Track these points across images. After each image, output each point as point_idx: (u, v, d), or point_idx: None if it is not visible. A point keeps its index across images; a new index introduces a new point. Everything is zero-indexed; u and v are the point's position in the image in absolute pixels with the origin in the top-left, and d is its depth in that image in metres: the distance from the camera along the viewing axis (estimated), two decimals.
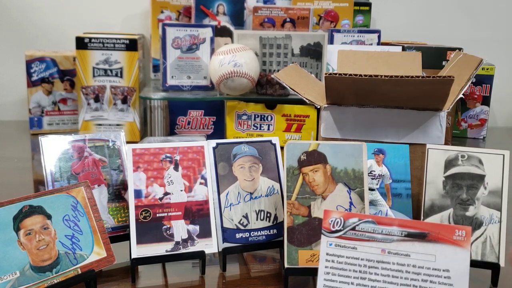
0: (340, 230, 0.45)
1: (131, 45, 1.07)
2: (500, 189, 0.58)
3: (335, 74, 0.65)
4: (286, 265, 0.54)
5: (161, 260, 0.58)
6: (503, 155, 0.59)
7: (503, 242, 0.57)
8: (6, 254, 0.47)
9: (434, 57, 1.11)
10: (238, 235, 0.60)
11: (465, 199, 0.58)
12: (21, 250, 0.48)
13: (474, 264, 0.55)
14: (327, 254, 0.45)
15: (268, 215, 0.61)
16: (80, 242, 0.52)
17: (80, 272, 0.51)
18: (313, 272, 0.56)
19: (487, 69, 1.21)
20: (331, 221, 0.45)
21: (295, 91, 0.77)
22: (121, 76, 1.08)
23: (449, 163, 0.60)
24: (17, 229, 0.48)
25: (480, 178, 0.59)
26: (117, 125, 1.10)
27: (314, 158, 0.57)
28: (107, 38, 1.07)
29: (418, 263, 0.43)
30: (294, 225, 0.55)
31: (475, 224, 0.58)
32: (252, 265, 0.62)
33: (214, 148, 0.61)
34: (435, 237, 0.43)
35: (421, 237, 0.44)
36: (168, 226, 0.58)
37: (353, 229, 0.45)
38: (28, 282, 0.48)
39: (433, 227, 0.44)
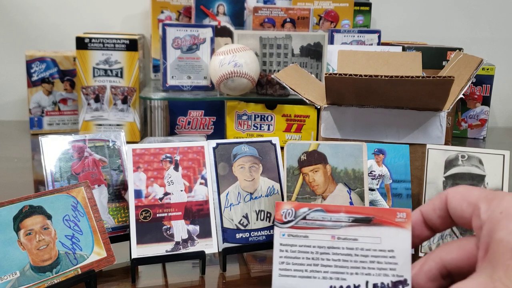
0: (292, 221, 0.46)
1: (131, 45, 1.07)
2: (500, 189, 0.58)
3: (335, 74, 0.65)
4: None
5: (161, 260, 0.58)
6: (503, 155, 0.59)
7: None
8: (6, 254, 0.47)
9: (434, 57, 1.11)
10: (238, 235, 0.60)
11: None
12: (21, 250, 0.48)
13: None
14: (280, 244, 0.46)
15: (268, 215, 0.61)
16: (80, 242, 0.52)
17: (80, 272, 0.51)
18: None
19: (487, 69, 1.21)
20: (283, 212, 0.47)
21: (295, 91, 0.77)
22: (121, 76, 1.08)
23: (449, 163, 0.60)
24: (17, 229, 0.48)
25: (480, 178, 0.59)
26: (117, 125, 1.10)
27: (314, 158, 0.57)
28: (107, 38, 1.07)
29: (365, 246, 0.46)
30: None
31: None
32: (252, 265, 0.62)
33: (214, 148, 0.61)
34: (379, 220, 0.46)
35: (366, 221, 0.46)
36: (168, 226, 0.58)
37: (304, 218, 0.47)
38: (28, 282, 0.48)
39: (376, 212, 0.46)
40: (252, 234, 0.60)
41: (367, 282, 0.45)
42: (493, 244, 0.33)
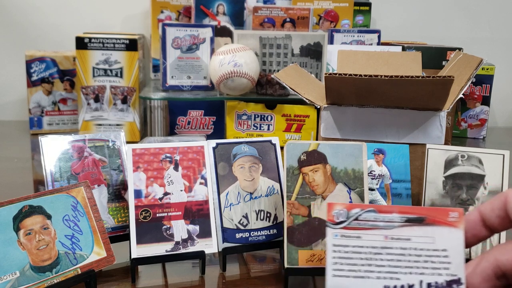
0: (344, 221, 0.47)
1: (131, 45, 1.07)
2: (500, 189, 0.58)
3: (335, 74, 0.65)
4: (286, 265, 0.54)
5: (161, 260, 0.58)
6: (503, 155, 0.59)
7: (503, 241, 0.57)
8: (6, 254, 0.47)
9: (434, 57, 1.11)
10: (238, 235, 0.60)
11: (465, 199, 0.59)
12: (21, 250, 0.48)
13: None
14: (333, 245, 0.47)
15: (268, 215, 0.61)
16: (80, 242, 0.52)
17: (80, 272, 0.51)
18: (313, 272, 0.56)
19: (487, 69, 1.21)
20: (335, 213, 0.47)
21: (295, 91, 0.77)
22: (121, 76, 1.08)
23: (449, 163, 0.60)
24: (17, 229, 0.48)
25: (480, 178, 0.59)
26: (117, 125, 1.10)
27: (314, 158, 0.57)
28: (107, 38, 1.07)
29: (418, 246, 0.46)
30: (294, 225, 0.55)
31: None
32: (252, 265, 0.62)
33: (214, 148, 0.61)
34: (432, 220, 0.46)
35: (419, 221, 0.47)
36: (168, 226, 0.58)
37: (356, 219, 0.47)
38: (28, 282, 0.48)
39: (429, 211, 0.47)
40: (252, 234, 0.60)
41: (421, 282, 0.46)
42: None
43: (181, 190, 0.59)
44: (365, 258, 0.47)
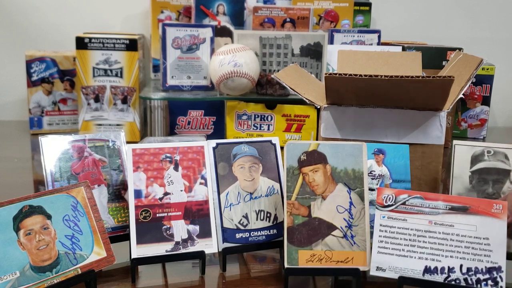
0: (392, 205, 0.52)
1: (131, 45, 1.07)
2: None
3: (335, 74, 0.65)
4: (286, 265, 0.54)
5: (161, 260, 0.58)
6: None
7: None
8: (6, 254, 0.47)
9: (434, 57, 1.11)
10: (238, 235, 0.60)
11: (491, 193, 0.60)
12: (21, 250, 0.48)
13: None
14: (380, 225, 0.52)
15: (268, 215, 0.61)
16: (80, 242, 0.52)
17: (80, 272, 0.51)
18: (313, 272, 0.56)
19: (487, 69, 1.21)
20: (384, 197, 0.53)
21: (295, 91, 0.77)
22: (121, 76, 1.08)
23: (475, 159, 0.61)
24: (17, 229, 0.48)
25: (506, 172, 0.60)
26: (117, 125, 1.10)
27: (314, 158, 0.57)
28: (107, 38, 1.07)
29: (461, 232, 0.50)
30: (294, 225, 0.55)
31: None
32: (252, 265, 0.62)
33: (214, 148, 0.61)
34: (475, 210, 0.51)
35: (463, 210, 0.51)
36: (168, 226, 0.58)
37: (404, 203, 0.52)
38: (28, 282, 0.48)
39: (473, 202, 0.51)
40: (252, 234, 0.60)
41: (461, 266, 0.50)
42: None
43: (181, 190, 0.59)
44: (409, 239, 0.51)
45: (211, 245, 0.58)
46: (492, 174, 0.60)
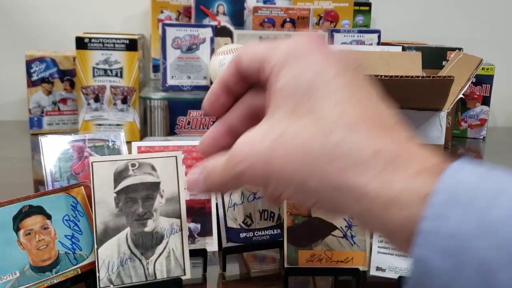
0: None
1: (131, 45, 1.07)
2: (177, 194, 0.53)
3: None
4: (286, 265, 0.54)
5: None
6: (176, 157, 0.54)
7: (187, 251, 0.52)
8: (5, 254, 0.47)
9: (434, 57, 1.11)
10: (242, 235, 0.60)
11: (142, 213, 0.52)
12: (21, 250, 0.48)
13: (158, 285, 0.51)
14: None
15: (272, 215, 0.61)
16: (80, 242, 0.52)
17: (80, 272, 0.51)
18: (313, 272, 0.56)
19: (487, 69, 1.21)
20: None
21: None
22: (121, 76, 1.08)
23: (119, 175, 0.52)
24: (17, 229, 0.48)
25: (156, 186, 0.52)
26: (117, 125, 1.10)
27: None
28: (107, 38, 1.07)
29: None
30: (294, 225, 0.55)
31: (156, 239, 0.51)
32: (252, 265, 0.62)
33: None
34: None
35: None
36: None
37: None
38: (28, 282, 0.48)
39: None
40: (256, 233, 0.60)
41: None
42: (274, 96, 0.30)
43: (184, 189, 0.59)
44: None
45: (212, 244, 0.58)
46: (140, 190, 0.51)
